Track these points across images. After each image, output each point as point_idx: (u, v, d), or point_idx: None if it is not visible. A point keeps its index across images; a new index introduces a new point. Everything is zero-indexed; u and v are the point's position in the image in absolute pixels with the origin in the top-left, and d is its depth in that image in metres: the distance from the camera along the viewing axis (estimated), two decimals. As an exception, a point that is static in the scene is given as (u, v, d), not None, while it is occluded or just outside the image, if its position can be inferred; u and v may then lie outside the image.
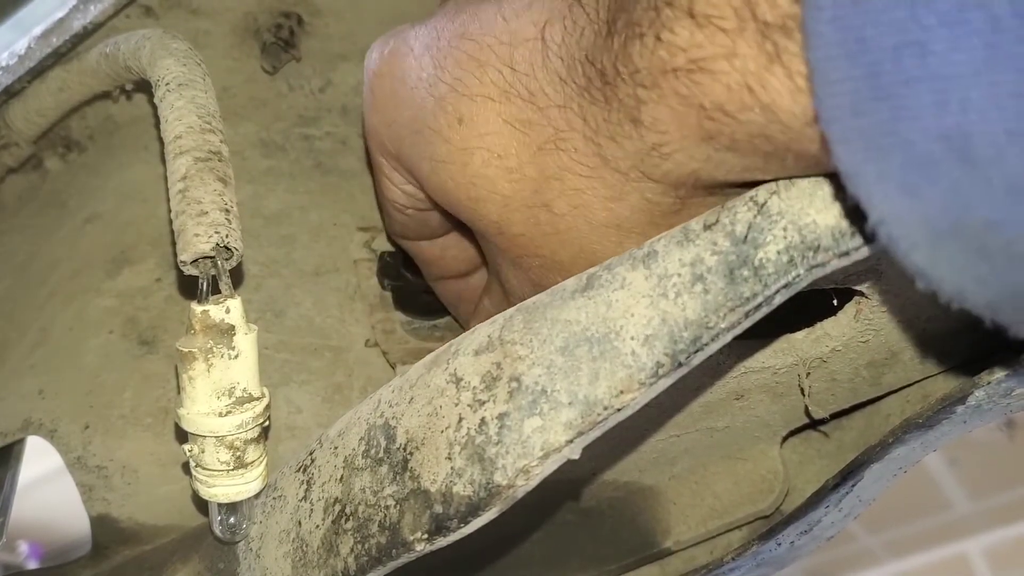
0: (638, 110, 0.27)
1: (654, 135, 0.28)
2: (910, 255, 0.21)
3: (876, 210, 0.21)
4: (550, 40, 0.30)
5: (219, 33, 0.49)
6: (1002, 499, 1.81)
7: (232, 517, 0.35)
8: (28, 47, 0.44)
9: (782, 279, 0.26)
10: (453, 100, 0.33)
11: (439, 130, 0.34)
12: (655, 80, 0.26)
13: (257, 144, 0.50)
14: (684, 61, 0.25)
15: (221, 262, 0.33)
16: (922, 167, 0.20)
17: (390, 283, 0.49)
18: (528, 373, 0.28)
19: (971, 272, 0.21)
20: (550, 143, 0.31)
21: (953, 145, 0.19)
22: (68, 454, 0.43)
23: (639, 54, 0.27)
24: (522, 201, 0.33)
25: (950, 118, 0.19)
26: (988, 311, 0.22)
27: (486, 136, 0.33)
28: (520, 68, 0.31)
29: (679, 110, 0.26)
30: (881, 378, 0.38)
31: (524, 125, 0.32)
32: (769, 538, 0.40)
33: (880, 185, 0.21)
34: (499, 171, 0.33)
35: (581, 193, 0.31)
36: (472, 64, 0.33)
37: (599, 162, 0.30)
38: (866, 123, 0.20)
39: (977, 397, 0.34)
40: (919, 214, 0.20)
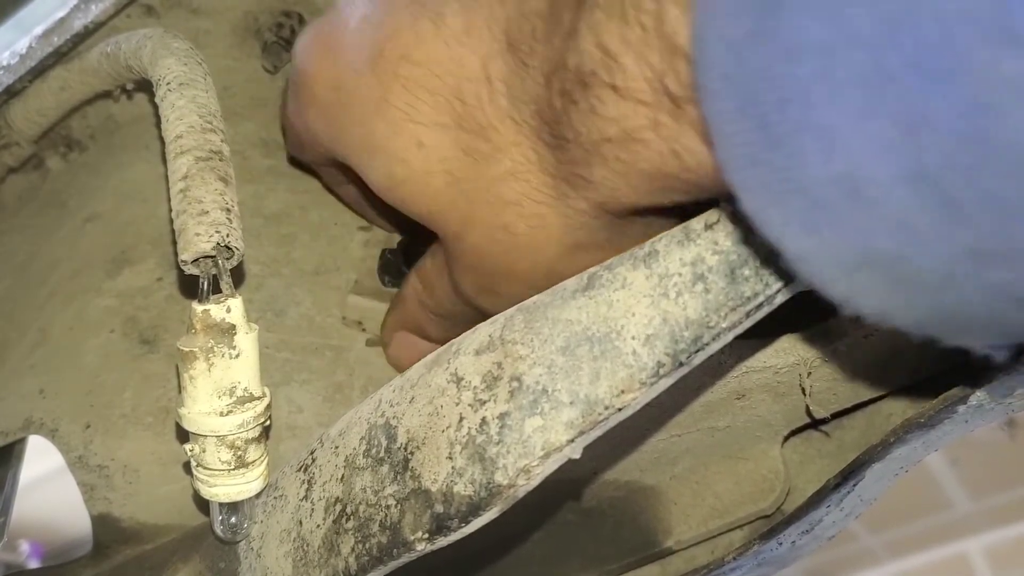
0: (588, 170, 0.29)
1: (607, 190, 0.29)
2: (830, 289, 0.22)
3: (788, 250, 0.22)
4: (494, 78, 0.31)
5: (220, 32, 0.49)
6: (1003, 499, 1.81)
7: (233, 517, 0.35)
8: (29, 46, 0.44)
9: (783, 278, 0.26)
10: (410, 127, 0.33)
11: (396, 153, 0.34)
12: (596, 147, 0.28)
13: (258, 143, 0.50)
14: (617, 131, 0.27)
15: (222, 261, 0.33)
16: (819, 210, 0.20)
17: (391, 280, 0.49)
18: (529, 373, 0.28)
19: (890, 299, 0.22)
20: (508, 175, 0.32)
21: (843, 188, 0.20)
22: (69, 453, 0.43)
23: (579, 121, 0.28)
24: (480, 220, 0.33)
25: (836, 165, 0.19)
26: (916, 329, 0.22)
27: (446, 160, 0.33)
28: (469, 102, 0.31)
29: (623, 172, 0.28)
30: (883, 378, 0.38)
31: (479, 155, 0.32)
32: (770, 538, 0.40)
33: (786, 228, 0.21)
34: (459, 193, 0.33)
35: (541, 217, 0.32)
36: (422, 92, 0.32)
37: (556, 195, 0.31)
38: (763, 171, 0.21)
39: (979, 397, 0.34)
40: (827, 252, 0.21)
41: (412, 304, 0.43)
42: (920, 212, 0.19)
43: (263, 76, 0.50)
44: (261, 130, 0.50)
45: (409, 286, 0.43)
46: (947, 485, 1.77)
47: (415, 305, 0.43)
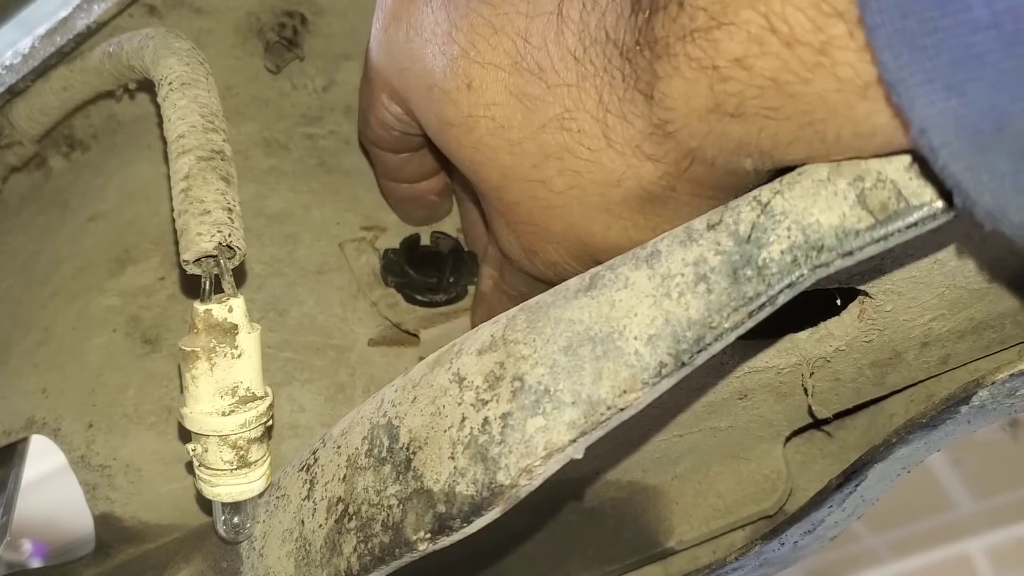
0: (652, 85, 0.27)
1: (662, 111, 0.28)
2: (950, 165, 0.21)
3: (918, 117, 0.21)
4: (567, 16, 0.30)
5: (222, 32, 0.49)
6: (1006, 499, 1.80)
7: (236, 516, 0.35)
8: (32, 46, 0.44)
9: (786, 279, 0.26)
10: (464, 64, 0.33)
11: (448, 91, 0.33)
12: (671, 49, 0.26)
13: (260, 143, 0.50)
14: (705, 19, 0.25)
15: (224, 261, 0.33)
16: (969, 62, 0.19)
17: (394, 280, 0.49)
18: (531, 373, 0.28)
19: (1010, 181, 0.20)
20: (555, 122, 0.31)
21: (1003, 32, 0.19)
22: (71, 453, 0.43)
23: (661, 24, 0.26)
24: (521, 174, 0.33)
25: (1003, 3, 0.18)
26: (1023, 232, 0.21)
27: (492, 106, 0.32)
28: (533, 41, 0.31)
29: (691, 78, 0.26)
30: (885, 378, 0.38)
31: (530, 100, 0.31)
32: (772, 538, 0.40)
33: (924, 88, 0.20)
34: (501, 142, 0.33)
35: (579, 175, 0.31)
36: (487, 30, 0.32)
37: (603, 143, 0.30)
38: (913, 23, 0.20)
39: (981, 397, 0.34)
40: (963, 115, 0.20)
41: (492, 295, 0.43)
42: None
43: (265, 76, 0.50)
44: (263, 130, 0.50)
45: (485, 278, 0.43)
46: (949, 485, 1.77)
47: (495, 295, 0.42)
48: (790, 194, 0.26)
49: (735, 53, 0.25)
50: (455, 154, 0.35)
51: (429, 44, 0.34)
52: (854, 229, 0.25)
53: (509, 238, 0.37)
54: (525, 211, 0.34)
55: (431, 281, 0.48)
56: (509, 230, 0.36)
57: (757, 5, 0.24)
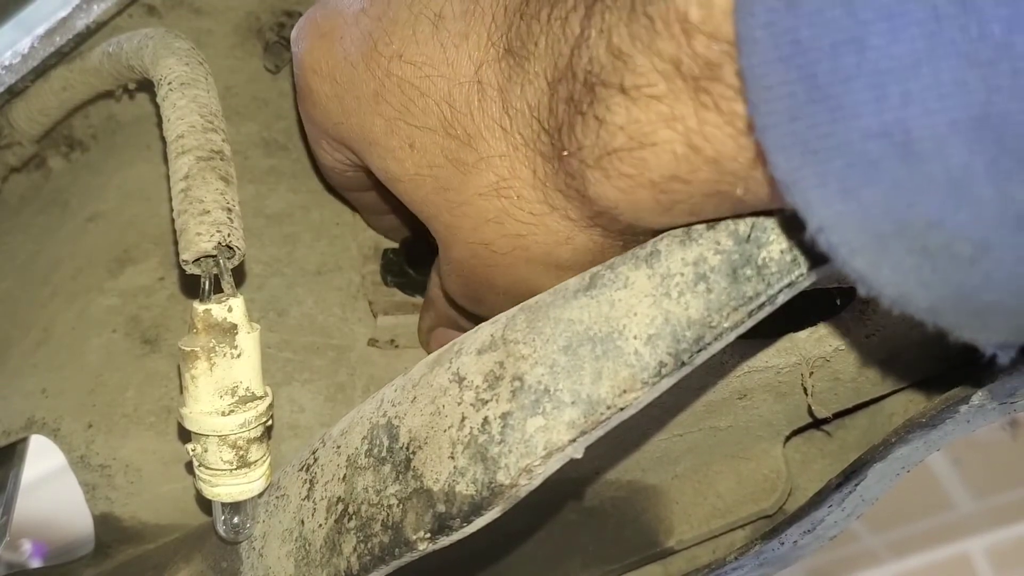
0: (585, 187, 0.27)
1: (600, 206, 0.28)
2: (851, 261, 0.21)
3: (815, 217, 0.21)
4: (487, 84, 0.30)
5: (221, 32, 0.49)
6: (1005, 499, 1.81)
7: (236, 516, 0.35)
8: (31, 46, 0.44)
9: (785, 278, 0.26)
10: (403, 127, 0.33)
11: (392, 150, 0.33)
12: (600, 162, 0.26)
13: (259, 143, 0.50)
14: (625, 140, 0.25)
15: (223, 261, 0.33)
16: (862, 168, 0.19)
17: (393, 280, 0.49)
18: (531, 372, 0.28)
19: (913, 275, 0.21)
20: (490, 189, 0.31)
21: (894, 141, 0.19)
22: (71, 453, 0.43)
23: (582, 132, 0.26)
24: (462, 236, 0.33)
25: (890, 113, 0.19)
26: (930, 315, 0.21)
27: (433, 167, 0.32)
28: (458, 107, 0.31)
29: (628, 189, 0.26)
30: (884, 377, 0.38)
31: (464, 166, 0.31)
32: (772, 537, 0.40)
33: (819, 191, 0.20)
34: (444, 202, 0.33)
35: (522, 238, 0.31)
36: (415, 93, 0.32)
37: (545, 209, 0.30)
38: (802, 127, 0.20)
39: (981, 397, 0.34)
40: (860, 217, 0.20)
41: (439, 301, 0.43)
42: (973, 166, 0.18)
43: (265, 76, 0.50)
44: (263, 130, 0.50)
45: (433, 283, 0.43)
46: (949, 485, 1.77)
47: (442, 301, 0.43)
48: (790, 194, 0.26)
49: (668, 171, 0.25)
50: (407, 203, 0.35)
51: (361, 104, 0.34)
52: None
53: (456, 283, 0.37)
54: (469, 268, 0.34)
55: None
56: (456, 276, 0.36)
57: (674, 125, 0.24)
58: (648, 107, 0.24)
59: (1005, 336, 0.22)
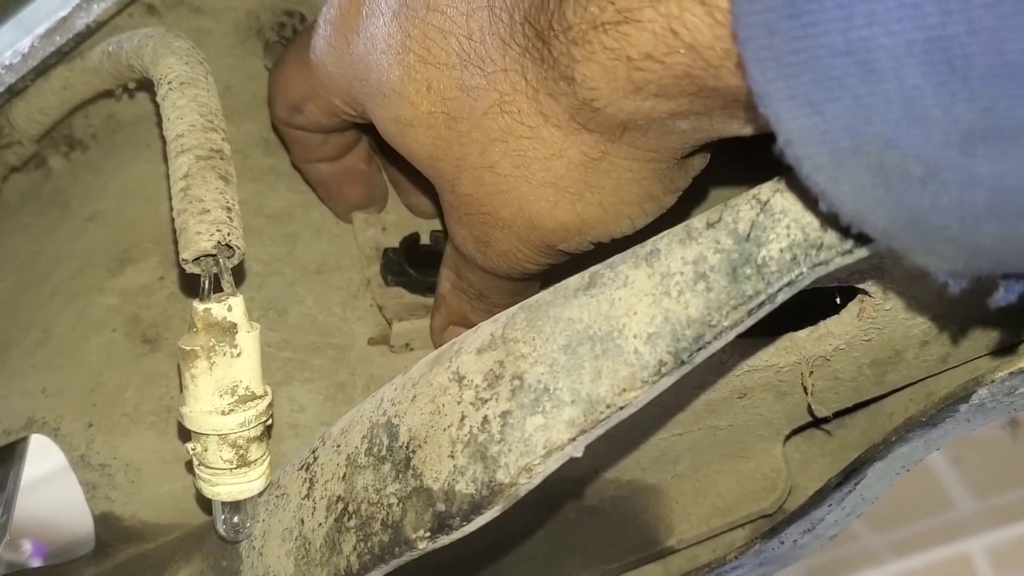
0: (571, 68, 0.29)
1: (585, 91, 0.29)
2: (813, 175, 0.22)
3: (784, 130, 0.22)
4: (495, 4, 0.32)
5: (221, 31, 0.49)
6: (1005, 498, 1.81)
7: (236, 516, 0.35)
8: (31, 46, 0.44)
9: (785, 277, 0.26)
10: (422, 69, 0.34)
11: (407, 96, 0.35)
12: (586, 36, 0.28)
13: (259, 142, 0.50)
14: (612, 13, 0.27)
15: (223, 260, 0.33)
16: (827, 83, 0.20)
17: (394, 279, 0.49)
18: (531, 371, 0.28)
19: (869, 193, 0.22)
20: (495, 107, 0.32)
21: (857, 59, 0.20)
22: (71, 452, 0.43)
23: (572, 11, 0.28)
24: (470, 163, 0.34)
25: (855, 32, 0.19)
26: (884, 237, 0.23)
27: (447, 101, 0.34)
28: (474, 36, 0.33)
29: (608, 65, 0.28)
30: (884, 376, 0.38)
31: (473, 91, 0.33)
32: (772, 536, 0.40)
33: (788, 103, 0.21)
34: (454, 133, 0.34)
35: (523, 154, 0.33)
36: (438, 35, 0.34)
37: (540, 120, 0.32)
38: (778, 41, 0.21)
39: (980, 395, 0.34)
40: (822, 132, 0.21)
41: (451, 296, 0.44)
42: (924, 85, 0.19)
43: (265, 75, 0.50)
44: (263, 129, 0.50)
45: (443, 280, 0.44)
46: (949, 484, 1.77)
47: (454, 296, 0.43)
48: (790, 193, 0.26)
49: (646, 48, 0.26)
50: (415, 152, 0.36)
51: (385, 55, 0.36)
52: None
53: (462, 232, 0.38)
54: (476, 201, 0.36)
55: (431, 280, 0.48)
56: (462, 224, 0.38)
57: (658, 6, 0.25)
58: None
59: (954, 263, 0.23)
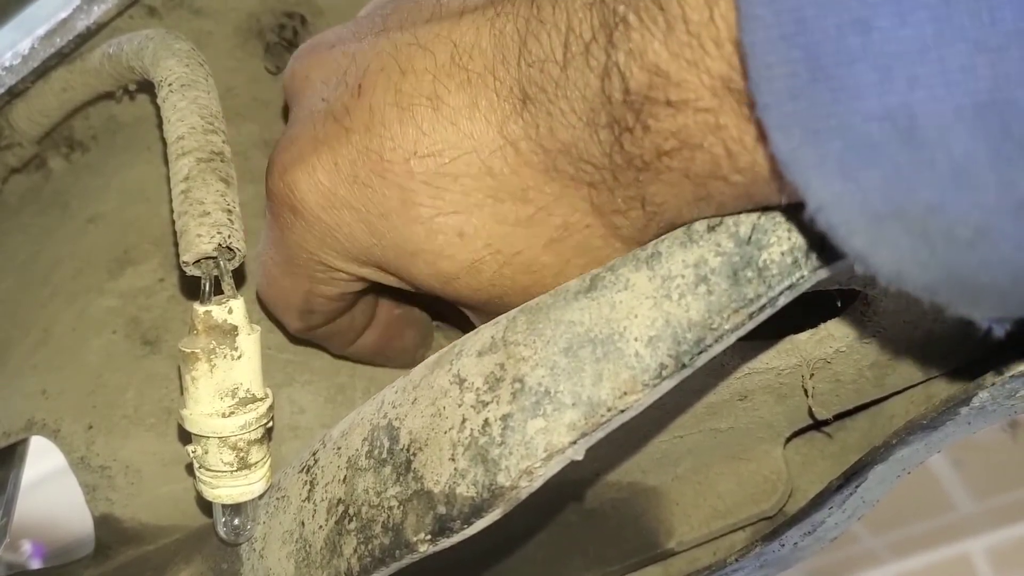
0: (640, 189, 0.28)
1: (654, 207, 0.28)
2: (849, 240, 0.21)
3: (814, 197, 0.21)
4: (516, 139, 0.30)
5: (222, 34, 0.49)
6: (1006, 500, 1.81)
7: (236, 518, 0.35)
8: (31, 47, 0.44)
9: (786, 280, 0.26)
10: (444, 220, 0.32)
11: (439, 251, 0.32)
12: (649, 163, 0.27)
13: (260, 144, 0.50)
14: (675, 143, 0.26)
15: (223, 262, 0.33)
16: (862, 150, 0.19)
17: None
18: (531, 374, 0.28)
19: (911, 256, 0.21)
20: (560, 231, 0.31)
21: (896, 126, 0.19)
22: (71, 454, 0.43)
23: (631, 144, 0.27)
24: (547, 283, 0.32)
25: (894, 97, 0.19)
26: (926, 293, 0.22)
27: (493, 241, 0.32)
28: (498, 172, 0.30)
29: (674, 183, 0.27)
30: (885, 379, 0.38)
31: (526, 224, 0.31)
32: (773, 539, 0.40)
33: (818, 170, 0.20)
34: (516, 268, 0.32)
35: (605, 259, 0.31)
36: (446, 180, 0.31)
37: (610, 232, 0.30)
38: (803, 106, 0.20)
39: (981, 398, 0.34)
40: (858, 198, 0.20)
41: None
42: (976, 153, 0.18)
43: (265, 77, 0.50)
44: (263, 131, 0.50)
45: None
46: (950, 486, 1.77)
47: None
48: (790, 195, 0.26)
49: (708, 170, 0.26)
50: (469, 300, 0.34)
51: (390, 219, 0.33)
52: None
53: None
54: None
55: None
56: None
57: (718, 132, 0.24)
58: (695, 117, 0.25)
59: (1000, 312, 0.22)
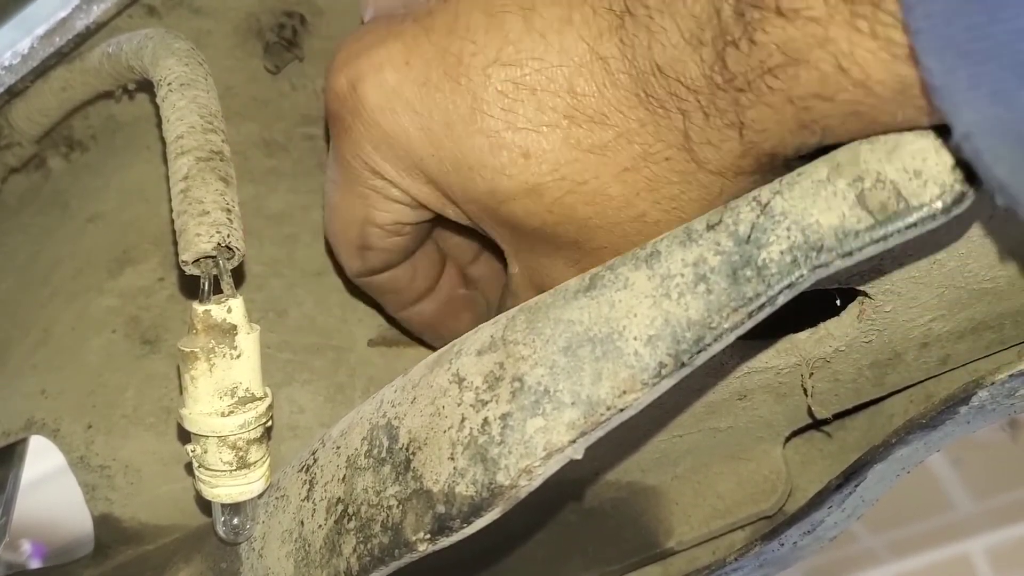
0: (740, 114, 0.27)
1: (754, 133, 0.27)
2: (993, 168, 0.21)
3: (963, 122, 0.21)
4: (609, 57, 0.29)
5: (221, 33, 0.48)
6: (1005, 499, 1.81)
7: (236, 518, 0.35)
8: (31, 47, 0.44)
9: (785, 279, 0.26)
10: (511, 136, 0.31)
11: (500, 168, 0.31)
12: (752, 84, 0.26)
13: (259, 144, 0.50)
14: (780, 59, 0.25)
15: (223, 262, 0.33)
16: (1017, 70, 0.19)
17: None
18: (531, 373, 0.28)
19: None
20: (638, 160, 0.30)
21: None
22: (71, 454, 0.43)
23: (734, 61, 0.26)
24: (607, 219, 0.31)
25: None
26: None
27: (561, 167, 0.31)
28: (582, 91, 0.29)
29: (777, 106, 0.26)
30: (884, 378, 0.38)
31: (601, 149, 0.30)
32: (772, 538, 0.40)
33: (970, 93, 0.20)
34: (580, 197, 0.31)
35: (675, 199, 0.30)
36: (523, 92, 0.30)
37: (695, 167, 0.29)
38: (958, 29, 0.20)
39: (981, 397, 0.34)
40: (1009, 122, 0.20)
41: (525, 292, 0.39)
42: None
43: (265, 76, 0.50)
44: (263, 130, 0.50)
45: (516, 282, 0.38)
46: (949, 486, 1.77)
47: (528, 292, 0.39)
48: (790, 194, 0.26)
49: (813, 88, 0.25)
50: (522, 224, 0.33)
51: (454, 127, 0.31)
52: (854, 229, 0.25)
53: None
54: (611, 252, 0.32)
55: None
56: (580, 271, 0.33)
57: (827, 46, 0.24)
58: (804, 27, 0.24)
59: None
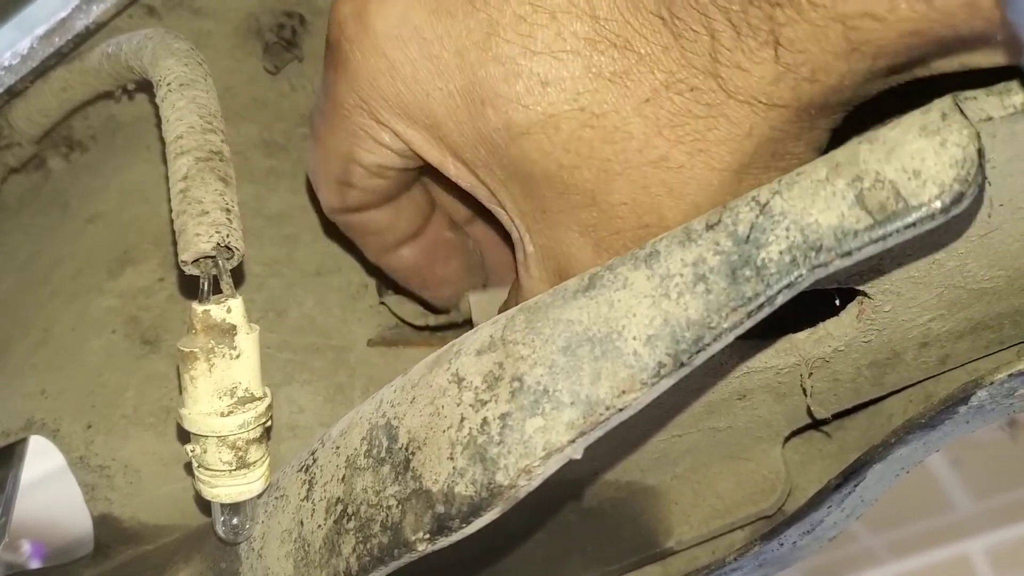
0: (775, 32, 0.25)
1: (791, 55, 0.25)
2: None
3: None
4: None
5: (221, 33, 0.49)
6: (1005, 499, 1.81)
7: (235, 517, 0.35)
8: (31, 47, 0.44)
9: (784, 279, 0.26)
10: (528, 62, 0.29)
11: (516, 98, 0.29)
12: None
13: (259, 144, 0.50)
14: None
15: (222, 262, 0.33)
16: None
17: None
18: (530, 373, 0.28)
19: None
20: (661, 89, 0.28)
21: None
22: (70, 454, 0.43)
23: None
24: (629, 159, 0.29)
25: None
26: None
27: (580, 96, 0.29)
28: (604, 14, 0.28)
29: (820, 24, 0.24)
30: (883, 378, 0.38)
31: (622, 76, 0.28)
32: (771, 538, 0.40)
33: None
34: (598, 132, 0.29)
35: (702, 137, 0.28)
36: (542, 17, 0.28)
37: (722, 97, 0.27)
38: None
39: (980, 397, 0.34)
40: None
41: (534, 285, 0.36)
42: None
43: (264, 77, 0.50)
44: (262, 131, 0.50)
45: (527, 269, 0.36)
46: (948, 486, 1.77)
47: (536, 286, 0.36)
48: (789, 194, 0.26)
49: (864, 6, 0.23)
50: (535, 164, 0.31)
51: (466, 55, 0.30)
52: (853, 229, 0.25)
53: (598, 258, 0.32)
54: (637, 208, 0.30)
55: None
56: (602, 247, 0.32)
57: None
58: None
59: None
